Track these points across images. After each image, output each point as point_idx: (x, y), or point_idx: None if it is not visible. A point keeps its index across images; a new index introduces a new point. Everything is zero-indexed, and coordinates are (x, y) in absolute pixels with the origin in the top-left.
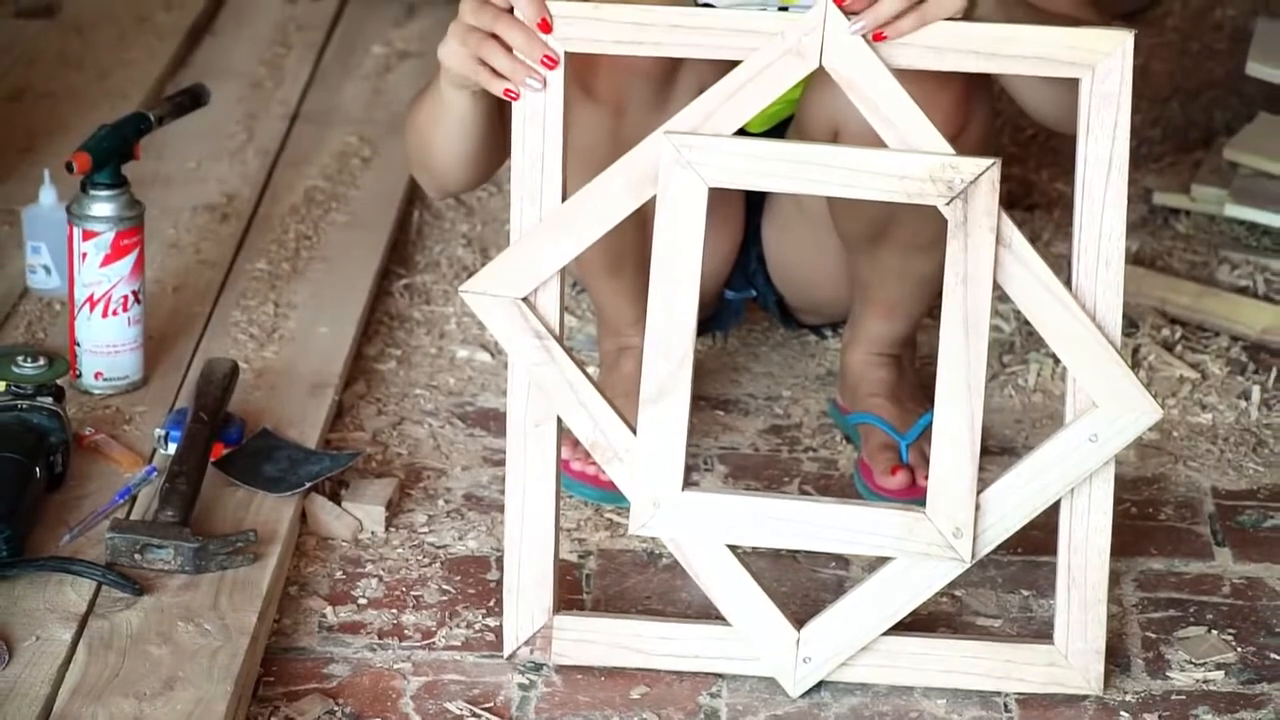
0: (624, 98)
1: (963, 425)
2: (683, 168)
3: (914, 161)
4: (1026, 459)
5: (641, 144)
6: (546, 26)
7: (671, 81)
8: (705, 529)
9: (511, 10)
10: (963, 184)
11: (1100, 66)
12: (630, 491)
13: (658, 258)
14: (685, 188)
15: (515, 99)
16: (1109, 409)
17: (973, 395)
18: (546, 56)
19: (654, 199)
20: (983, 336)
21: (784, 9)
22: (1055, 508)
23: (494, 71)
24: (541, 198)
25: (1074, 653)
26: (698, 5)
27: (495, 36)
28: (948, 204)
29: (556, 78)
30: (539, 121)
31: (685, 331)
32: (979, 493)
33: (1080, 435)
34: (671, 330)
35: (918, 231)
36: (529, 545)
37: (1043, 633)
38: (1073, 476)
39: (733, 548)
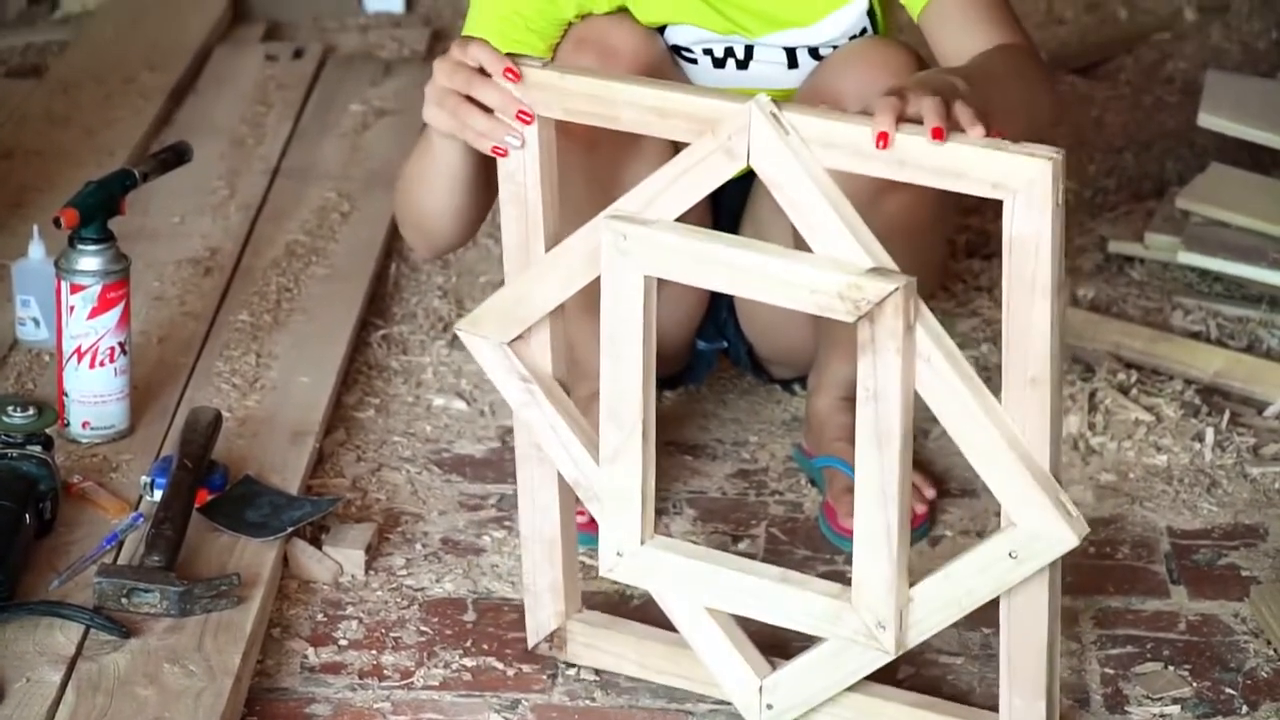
0: (596, 132)
1: (879, 534)
2: (621, 256)
3: (825, 277)
4: (955, 562)
5: (594, 222)
6: (515, 76)
7: None
8: (660, 582)
9: (483, 69)
10: (869, 305)
11: (1022, 192)
12: (600, 537)
13: (605, 333)
14: (623, 273)
15: (504, 155)
16: (1027, 529)
17: (888, 505)
18: (521, 112)
19: None
20: (894, 449)
21: (749, 50)
22: None
23: (477, 130)
24: (528, 245)
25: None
26: (676, 50)
27: (471, 98)
28: (855, 321)
29: (537, 131)
30: (523, 173)
31: (634, 403)
32: (911, 585)
33: (1000, 549)
34: (621, 402)
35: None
36: (540, 553)
37: None
38: (996, 586)
39: None
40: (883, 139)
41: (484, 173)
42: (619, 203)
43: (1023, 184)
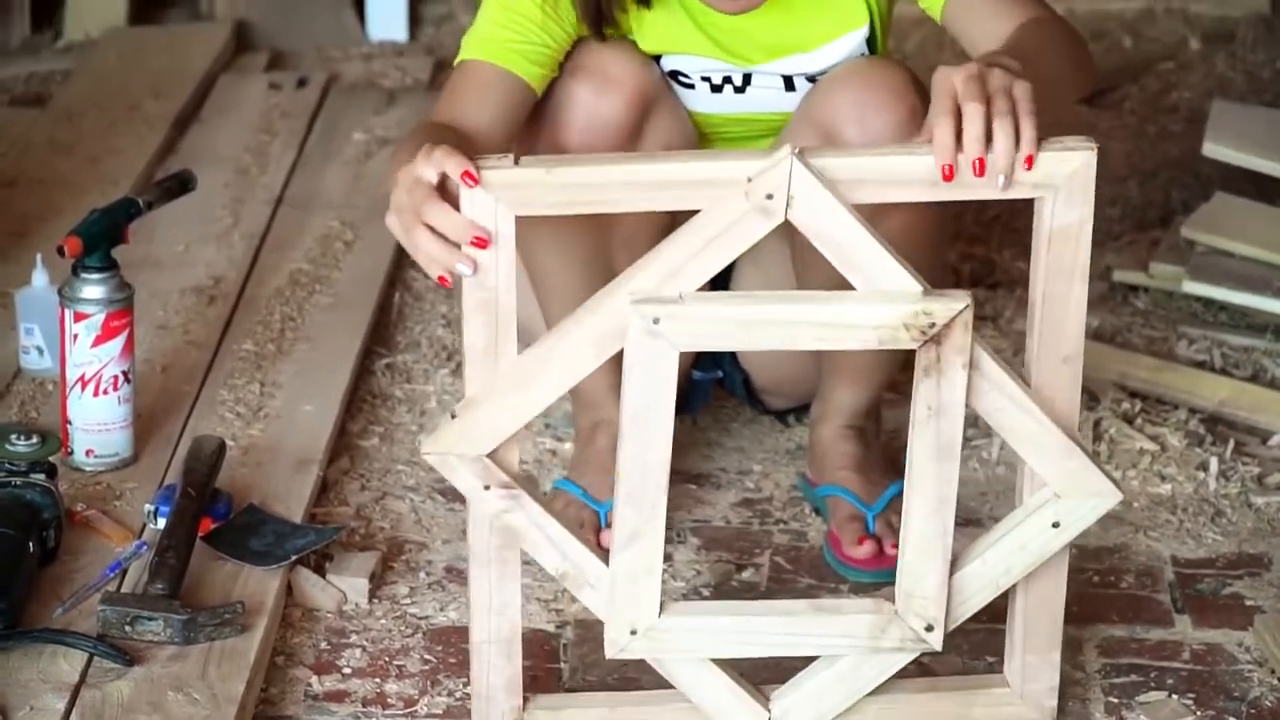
0: None
1: (935, 540)
2: (652, 337)
3: (888, 311)
4: (993, 545)
5: (602, 302)
6: (473, 179)
7: (636, 147)
8: (682, 648)
9: (443, 184)
10: (936, 328)
11: (1064, 187)
12: (606, 619)
13: (627, 413)
14: (655, 354)
15: (446, 285)
16: (1071, 498)
17: (945, 511)
18: (477, 239)
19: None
20: (955, 459)
21: (747, 76)
22: None
23: (429, 255)
24: (497, 350)
25: (1028, 693)
26: (673, 76)
27: (428, 226)
28: (920, 346)
29: (506, 244)
30: (494, 278)
31: (657, 483)
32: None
33: (1042, 523)
34: (644, 483)
35: None
36: (497, 653)
37: (982, 650)
38: (1036, 560)
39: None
40: (948, 171)
41: None
42: (634, 283)
43: (1064, 179)
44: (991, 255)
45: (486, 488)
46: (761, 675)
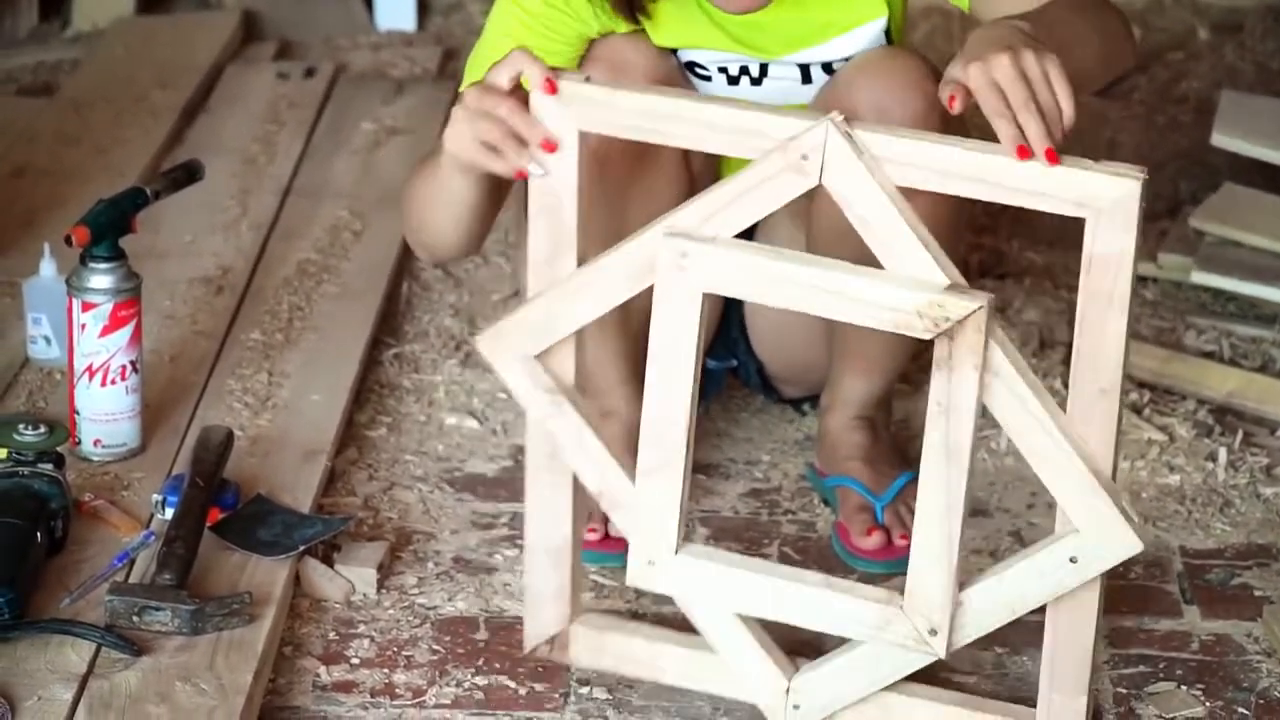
0: (606, 147)
1: (940, 543)
2: (680, 272)
3: (904, 295)
4: (1011, 566)
5: (642, 235)
6: (552, 88)
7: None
8: (695, 590)
9: (514, 92)
10: (949, 323)
11: (1106, 212)
12: (630, 546)
13: (654, 350)
14: (681, 291)
15: (524, 178)
16: (1090, 536)
17: (951, 516)
18: (545, 141)
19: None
20: (963, 462)
21: (764, 67)
22: None
23: (497, 153)
24: (557, 260)
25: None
26: (689, 67)
27: (500, 121)
28: (933, 339)
29: (569, 153)
30: (560, 187)
31: (680, 424)
32: (961, 589)
33: (1061, 555)
34: (667, 421)
35: None
36: (547, 560)
37: (1016, 691)
38: (1052, 591)
39: None
40: (1022, 152)
41: (494, 195)
42: (670, 221)
43: (1108, 204)
44: (1000, 246)
45: (535, 389)
46: (782, 640)
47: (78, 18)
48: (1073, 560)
